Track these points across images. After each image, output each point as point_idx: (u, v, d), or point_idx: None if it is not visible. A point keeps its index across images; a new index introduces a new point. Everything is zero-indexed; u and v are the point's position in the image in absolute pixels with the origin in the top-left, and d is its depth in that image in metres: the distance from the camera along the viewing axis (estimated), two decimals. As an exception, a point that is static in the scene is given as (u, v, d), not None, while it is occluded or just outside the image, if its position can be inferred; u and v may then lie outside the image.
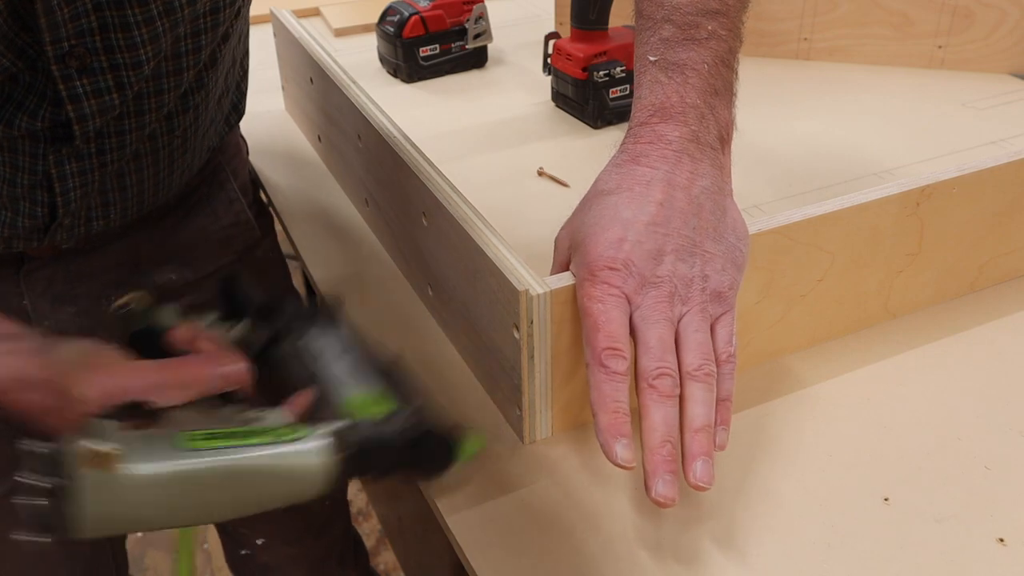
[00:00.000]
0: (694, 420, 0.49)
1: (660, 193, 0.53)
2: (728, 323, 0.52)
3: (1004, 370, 0.64)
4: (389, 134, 0.71)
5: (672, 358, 0.50)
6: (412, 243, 0.71)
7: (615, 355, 0.49)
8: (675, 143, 0.54)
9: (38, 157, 0.57)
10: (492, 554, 0.51)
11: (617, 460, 0.47)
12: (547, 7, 1.22)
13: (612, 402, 0.48)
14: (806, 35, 1.10)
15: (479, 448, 0.52)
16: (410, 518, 1.19)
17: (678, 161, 0.54)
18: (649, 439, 0.48)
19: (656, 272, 0.51)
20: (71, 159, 0.58)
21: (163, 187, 0.67)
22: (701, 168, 0.54)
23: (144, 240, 0.72)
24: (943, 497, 0.54)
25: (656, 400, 0.49)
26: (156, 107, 0.60)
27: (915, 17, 1.06)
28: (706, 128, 0.55)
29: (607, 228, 0.52)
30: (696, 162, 0.54)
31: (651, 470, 0.48)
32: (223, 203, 0.78)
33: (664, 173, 0.53)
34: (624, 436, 0.48)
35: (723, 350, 0.52)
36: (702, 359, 0.50)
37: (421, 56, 1.09)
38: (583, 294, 0.51)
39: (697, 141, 0.54)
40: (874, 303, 0.67)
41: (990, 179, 0.65)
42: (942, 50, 1.07)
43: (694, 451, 0.48)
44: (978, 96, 1.02)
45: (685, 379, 0.50)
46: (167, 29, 0.56)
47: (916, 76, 1.07)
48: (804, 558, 0.51)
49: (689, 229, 0.52)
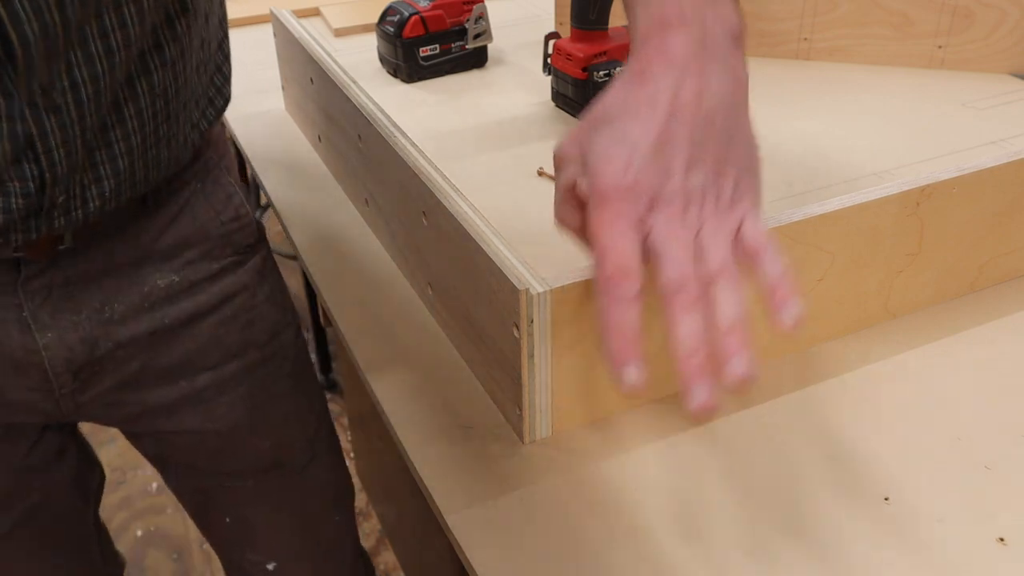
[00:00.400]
0: (722, 321, 0.47)
1: (666, 109, 0.50)
2: (754, 219, 0.50)
3: (1004, 370, 0.64)
4: (389, 134, 0.71)
5: (690, 268, 0.48)
6: (412, 243, 0.71)
7: (621, 281, 0.47)
8: (679, 55, 0.51)
9: (15, 118, 0.56)
10: (492, 554, 0.51)
11: (626, 386, 0.46)
12: (547, 7, 1.23)
13: (618, 327, 0.47)
14: (806, 35, 1.10)
15: None
16: (410, 518, 1.19)
17: (686, 69, 0.51)
18: (678, 351, 0.46)
19: (666, 189, 0.49)
20: (49, 112, 0.57)
21: (152, 160, 0.67)
22: (709, 76, 0.51)
23: (142, 238, 0.71)
24: (943, 497, 0.54)
25: (680, 310, 0.47)
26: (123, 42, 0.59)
27: (915, 17, 1.06)
28: (711, 33, 0.52)
29: (613, 152, 0.50)
30: (704, 71, 0.51)
31: (684, 383, 0.46)
32: (221, 198, 0.78)
33: (670, 86, 0.50)
34: (632, 359, 0.46)
35: (753, 239, 0.50)
36: (721, 261, 0.48)
37: (421, 56, 1.09)
38: (591, 221, 0.49)
39: (705, 48, 0.51)
40: (874, 303, 0.67)
41: (990, 179, 0.65)
42: (942, 50, 1.07)
43: (728, 351, 0.46)
44: (978, 96, 1.02)
45: (707, 285, 0.48)
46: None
47: (916, 76, 1.07)
48: (805, 558, 0.51)
49: (698, 141, 0.50)
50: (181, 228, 0.74)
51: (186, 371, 0.74)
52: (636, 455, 0.58)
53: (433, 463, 0.58)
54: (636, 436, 0.59)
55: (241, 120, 1.04)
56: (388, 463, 1.21)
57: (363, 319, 0.71)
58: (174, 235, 0.73)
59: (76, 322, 0.68)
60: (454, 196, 0.61)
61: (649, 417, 0.61)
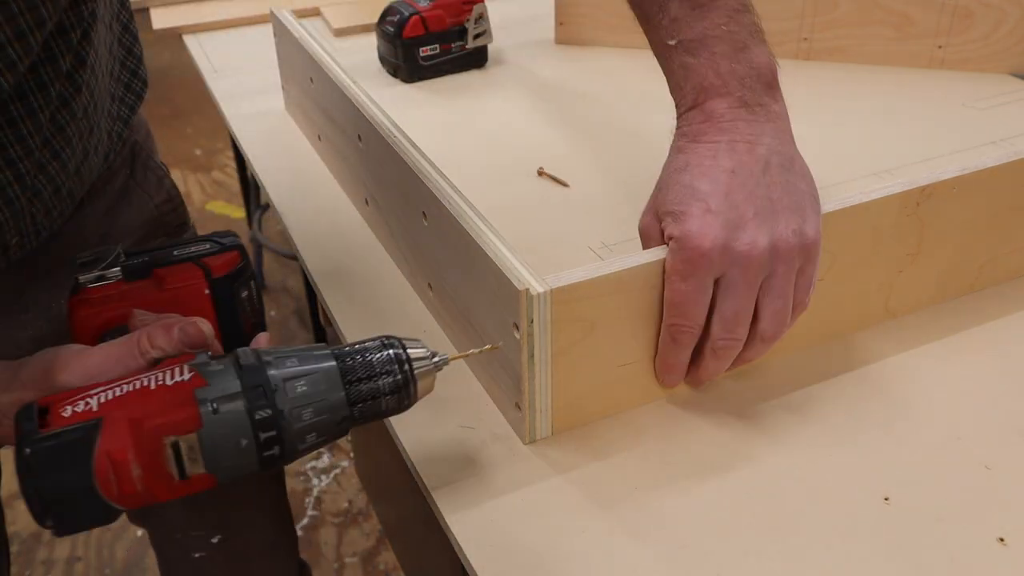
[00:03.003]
0: (745, 356, 0.58)
1: (728, 162, 0.55)
2: (810, 271, 0.56)
3: (1004, 370, 0.64)
4: (389, 134, 0.71)
5: (742, 330, 0.56)
6: (412, 243, 0.71)
7: (680, 330, 0.56)
8: (727, 114, 0.56)
9: None
10: (492, 554, 0.51)
11: (664, 383, 0.60)
12: (547, 7, 1.22)
13: (669, 359, 0.58)
14: (806, 35, 1.10)
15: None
16: (410, 518, 1.19)
17: (734, 129, 0.56)
18: (698, 376, 0.59)
19: (741, 241, 0.53)
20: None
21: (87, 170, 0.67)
22: (757, 128, 0.56)
23: (82, 233, 0.71)
24: (943, 497, 0.54)
25: (714, 361, 0.57)
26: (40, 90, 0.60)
27: (915, 17, 1.06)
28: (749, 87, 0.57)
29: (690, 204, 0.54)
30: (752, 124, 0.56)
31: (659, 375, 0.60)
32: (152, 182, 0.78)
33: (726, 144, 0.56)
34: (674, 377, 0.59)
35: (800, 299, 0.57)
36: (776, 328, 0.56)
37: (421, 56, 1.09)
38: (670, 266, 0.55)
39: (746, 104, 0.56)
40: (874, 303, 0.67)
41: (990, 179, 0.65)
42: (942, 50, 1.07)
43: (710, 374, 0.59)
44: (978, 96, 1.02)
45: (752, 339, 0.56)
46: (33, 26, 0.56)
47: (916, 76, 1.07)
48: (804, 558, 0.51)
49: (763, 190, 0.54)
50: (118, 218, 0.74)
51: None
52: (636, 455, 0.58)
53: (433, 463, 0.57)
54: (636, 436, 0.59)
55: (241, 120, 1.04)
56: (388, 463, 1.21)
57: (363, 319, 0.71)
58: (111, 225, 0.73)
59: (25, 321, 0.68)
60: (454, 196, 0.61)
61: (649, 417, 0.61)
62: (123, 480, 0.43)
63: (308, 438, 0.47)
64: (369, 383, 0.48)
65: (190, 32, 1.30)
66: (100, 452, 0.43)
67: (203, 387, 0.45)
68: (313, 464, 1.80)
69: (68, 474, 0.42)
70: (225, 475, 0.45)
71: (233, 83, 1.13)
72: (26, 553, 1.61)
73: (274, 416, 0.45)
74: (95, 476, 0.43)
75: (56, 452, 0.42)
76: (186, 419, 0.44)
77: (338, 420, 0.48)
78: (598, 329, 0.56)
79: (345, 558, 1.60)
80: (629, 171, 0.89)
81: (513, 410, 0.58)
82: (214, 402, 0.44)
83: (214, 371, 0.46)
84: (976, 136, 0.93)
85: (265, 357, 0.47)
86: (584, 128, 0.98)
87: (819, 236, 0.56)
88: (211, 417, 0.44)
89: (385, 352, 0.49)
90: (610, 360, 0.58)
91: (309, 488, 1.74)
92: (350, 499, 1.71)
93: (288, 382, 0.46)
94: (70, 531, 0.44)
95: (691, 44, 0.57)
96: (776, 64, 0.59)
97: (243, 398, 0.45)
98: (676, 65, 0.58)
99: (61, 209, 0.66)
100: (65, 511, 0.43)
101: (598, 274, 0.54)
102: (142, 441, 0.43)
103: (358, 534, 1.64)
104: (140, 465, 0.43)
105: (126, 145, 0.76)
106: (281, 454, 0.46)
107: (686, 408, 0.61)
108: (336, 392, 0.47)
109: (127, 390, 0.45)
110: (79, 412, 0.44)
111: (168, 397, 0.45)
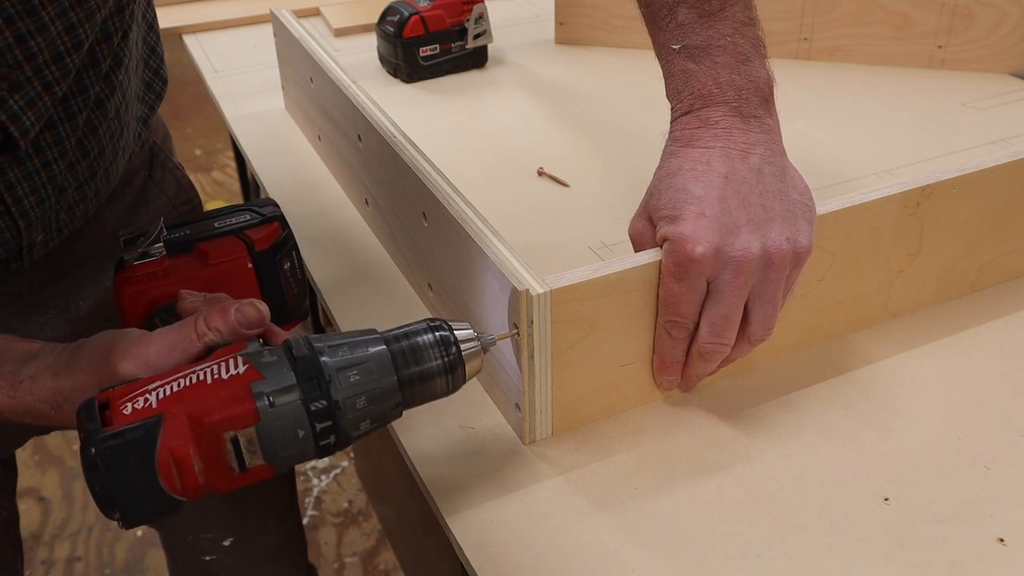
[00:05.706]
0: (730, 357, 0.58)
1: (722, 167, 0.55)
2: (795, 277, 0.57)
3: (1004, 370, 0.64)
4: (389, 134, 0.71)
5: (730, 335, 0.56)
6: (412, 243, 0.71)
7: (675, 326, 0.57)
8: (721, 122, 0.57)
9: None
10: (492, 554, 0.51)
11: (661, 387, 0.61)
12: (547, 7, 1.23)
13: (666, 355, 0.59)
14: (806, 35, 1.10)
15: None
16: (410, 518, 1.19)
17: (729, 137, 0.56)
18: (687, 378, 0.60)
19: (734, 247, 0.53)
20: (12, 166, 0.58)
21: (114, 171, 0.67)
22: (751, 137, 0.57)
23: (101, 234, 0.71)
24: (943, 497, 0.54)
25: (701, 363, 0.58)
26: (80, 93, 0.60)
27: (915, 17, 1.06)
28: (746, 99, 0.57)
29: (684, 207, 0.55)
30: (746, 133, 0.57)
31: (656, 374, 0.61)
32: (171, 183, 0.78)
33: (720, 150, 0.56)
34: (672, 375, 0.60)
35: (782, 301, 0.58)
36: (763, 332, 0.57)
37: (421, 56, 1.09)
38: (664, 267, 0.55)
39: (741, 114, 0.57)
40: (874, 303, 0.67)
41: (990, 179, 0.65)
42: (942, 50, 1.07)
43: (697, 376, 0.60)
44: (978, 96, 1.02)
45: (738, 341, 0.57)
46: (87, 34, 0.56)
47: (916, 76, 1.07)
48: (804, 558, 0.51)
49: (757, 197, 0.55)
50: (137, 218, 0.74)
51: None
52: (636, 455, 0.58)
53: (433, 463, 0.57)
54: (636, 436, 0.59)
55: (241, 120, 1.04)
56: (388, 463, 1.21)
57: (363, 319, 0.71)
58: (129, 225, 0.73)
59: (43, 322, 0.68)
60: (454, 196, 0.61)
61: (649, 417, 0.61)
62: (185, 474, 0.44)
63: (363, 425, 0.47)
64: (419, 367, 0.49)
65: (190, 32, 1.31)
66: (162, 449, 0.43)
67: (258, 380, 0.45)
68: (313, 464, 1.80)
69: (132, 471, 0.43)
70: (283, 465, 0.46)
71: (233, 83, 1.13)
72: (26, 553, 1.61)
73: (329, 407, 0.45)
74: (158, 472, 0.43)
75: (120, 451, 0.43)
76: (243, 414, 0.44)
77: (392, 406, 0.48)
78: (598, 329, 0.56)
79: (345, 558, 1.60)
80: (629, 171, 0.89)
81: (513, 410, 0.58)
82: (270, 396, 0.45)
83: (268, 363, 0.46)
84: (976, 136, 0.94)
85: (317, 344, 0.47)
86: (584, 128, 0.98)
87: (811, 245, 0.56)
88: (268, 411, 0.45)
89: (433, 335, 0.50)
90: (610, 360, 0.58)
91: (309, 488, 1.74)
92: (350, 499, 1.71)
93: (341, 372, 0.46)
94: (136, 523, 0.45)
95: (695, 51, 0.57)
96: (774, 80, 0.59)
97: (298, 390, 0.45)
98: (677, 69, 0.58)
99: (85, 209, 0.66)
100: (130, 505, 0.44)
101: (598, 275, 0.54)
102: (202, 437, 0.44)
103: (358, 534, 1.64)
104: (201, 460, 0.44)
105: (145, 146, 0.76)
106: (337, 442, 0.46)
107: (686, 408, 0.61)
108: (388, 377, 0.48)
109: (184, 385, 0.46)
110: (139, 409, 0.44)
111: (224, 392, 0.45)
